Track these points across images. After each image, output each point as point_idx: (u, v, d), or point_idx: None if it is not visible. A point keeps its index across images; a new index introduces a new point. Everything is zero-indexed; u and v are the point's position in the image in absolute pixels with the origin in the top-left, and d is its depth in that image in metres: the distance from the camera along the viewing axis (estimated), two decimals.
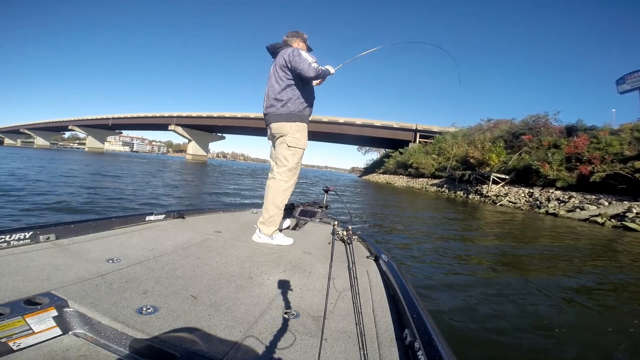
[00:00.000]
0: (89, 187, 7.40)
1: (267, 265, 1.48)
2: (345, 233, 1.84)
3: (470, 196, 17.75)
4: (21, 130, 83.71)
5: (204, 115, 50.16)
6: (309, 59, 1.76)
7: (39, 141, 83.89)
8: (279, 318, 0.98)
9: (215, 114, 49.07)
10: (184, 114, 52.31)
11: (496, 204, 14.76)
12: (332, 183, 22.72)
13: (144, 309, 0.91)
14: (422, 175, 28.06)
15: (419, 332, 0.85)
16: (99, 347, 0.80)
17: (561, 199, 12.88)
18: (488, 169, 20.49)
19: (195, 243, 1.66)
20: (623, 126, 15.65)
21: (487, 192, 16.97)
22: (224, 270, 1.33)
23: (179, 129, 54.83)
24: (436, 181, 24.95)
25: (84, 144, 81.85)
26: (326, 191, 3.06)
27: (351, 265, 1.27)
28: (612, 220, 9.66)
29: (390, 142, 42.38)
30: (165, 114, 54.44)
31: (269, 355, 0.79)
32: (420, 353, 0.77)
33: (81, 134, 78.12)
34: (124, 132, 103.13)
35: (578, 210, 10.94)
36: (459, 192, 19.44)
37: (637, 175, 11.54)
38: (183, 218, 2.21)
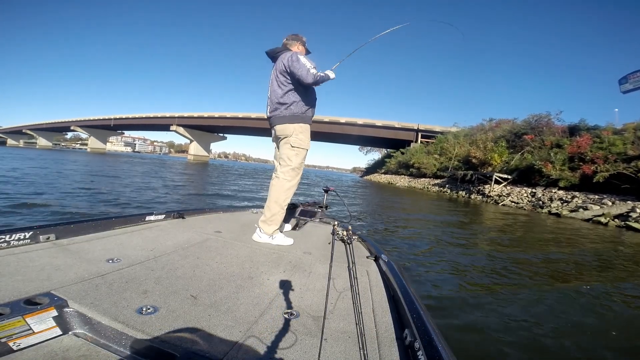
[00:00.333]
0: (89, 188, 7.43)
1: (267, 265, 1.48)
2: (345, 233, 1.84)
3: (472, 196, 17.67)
4: (24, 131, 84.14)
5: (205, 115, 50.17)
6: (308, 64, 1.77)
7: (42, 142, 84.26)
8: (279, 318, 0.98)
9: (216, 114, 49.07)
10: (185, 114, 52.34)
11: (498, 204, 14.69)
12: (334, 183, 22.70)
13: (144, 309, 0.91)
14: (424, 175, 27.99)
15: (419, 332, 0.85)
16: (99, 347, 0.80)
17: (564, 199, 12.80)
18: (490, 168, 20.40)
19: (195, 243, 1.66)
20: (626, 126, 15.56)
21: (489, 192, 16.90)
22: (224, 270, 1.33)
23: (181, 130, 54.89)
24: (438, 181, 24.85)
25: (86, 144, 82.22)
26: (326, 191, 3.06)
27: (351, 265, 1.27)
28: (616, 220, 9.60)
29: (391, 142, 42.28)
30: (167, 115, 54.46)
31: (269, 355, 0.79)
32: (420, 353, 0.77)
33: (83, 134, 78.50)
34: (126, 133, 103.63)
35: (581, 210, 10.87)
36: (461, 192, 19.35)
37: None
38: (183, 218, 2.21)
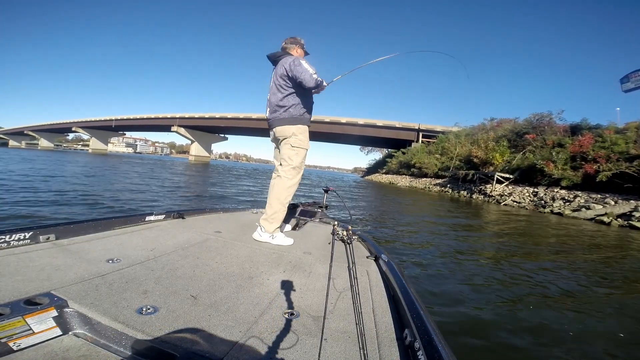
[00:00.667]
0: (89, 188, 7.45)
1: (267, 265, 1.47)
2: (345, 233, 1.84)
3: (473, 196, 17.64)
4: (25, 132, 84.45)
5: (206, 116, 50.23)
6: (310, 69, 1.85)
7: (43, 143, 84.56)
8: (279, 318, 0.98)
9: (217, 115, 49.11)
10: (186, 115, 52.42)
11: (500, 203, 14.66)
12: (335, 183, 22.69)
13: (144, 309, 0.91)
14: (425, 175, 27.94)
15: (419, 332, 0.85)
16: (99, 347, 0.80)
17: (566, 198, 12.75)
18: (492, 168, 20.35)
19: (195, 243, 1.66)
20: (628, 125, 15.51)
21: (490, 191, 16.85)
22: (224, 270, 1.33)
23: (182, 130, 54.99)
24: (439, 181, 24.80)
25: (88, 145, 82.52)
26: (326, 191, 3.05)
27: (351, 265, 1.26)
28: (619, 219, 9.56)
29: (392, 142, 42.23)
30: (168, 115, 54.54)
31: (269, 355, 0.79)
32: (420, 353, 0.77)
33: (85, 135, 78.69)
34: (127, 134, 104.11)
35: (584, 209, 10.83)
36: (462, 191, 19.32)
37: None
38: (183, 218, 2.21)
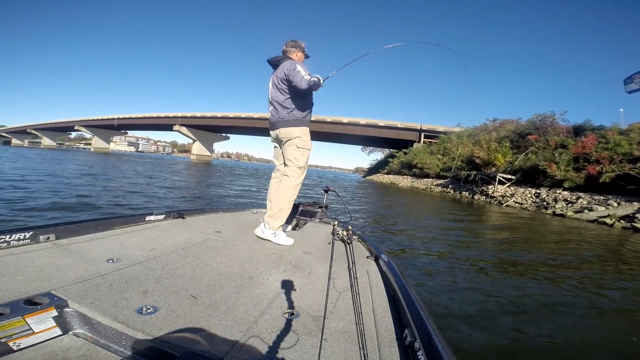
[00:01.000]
0: (89, 189, 7.48)
1: (267, 265, 1.48)
2: (345, 233, 1.85)
3: (475, 197, 17.58)
4: (28, 131, 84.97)
5: (208, 115, 50.39)
6: (302, 72, 1.91)
7: (46, 141, 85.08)
8: (279, 318, 0.98)
9: (219, 114, 49.26)
10: (188, 114, 52.59)
11: (502, 204, 14.60)
12: (336, 183, 22.68)
13: (144, 309, 0.91)
14: (427, 176, 27.88)
15: (419, 332, 0.85)
16: (99, 347, 0.80)
17: (569, 199, 12.69)
18: (494, 169, 20.30)
19: (195, 243, 1.66)
20: (632, 126, 15.39)
21: (492, 192, 16.80)
22: (224, 270, 1.33)
23: (184, 129, 55.18)
24: (441, 181, 24.75)
25: (90, 144, 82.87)
26: (326, 191, 3.04)
27: (351, 265, 1.26)
28: (622, 221, 9.50)
29: (394, 142, 42.18)
30: (170, 114, 54.74)
31: (269, 355, 0.79)
32: (420, 353, 0.77)
33: (87, 134, 79.10)
34: (129, 133, 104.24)
35: (586, 211, 10.77)
36: (464, 192, 19.27)
37: None
38: (183, 218, 2.22)
